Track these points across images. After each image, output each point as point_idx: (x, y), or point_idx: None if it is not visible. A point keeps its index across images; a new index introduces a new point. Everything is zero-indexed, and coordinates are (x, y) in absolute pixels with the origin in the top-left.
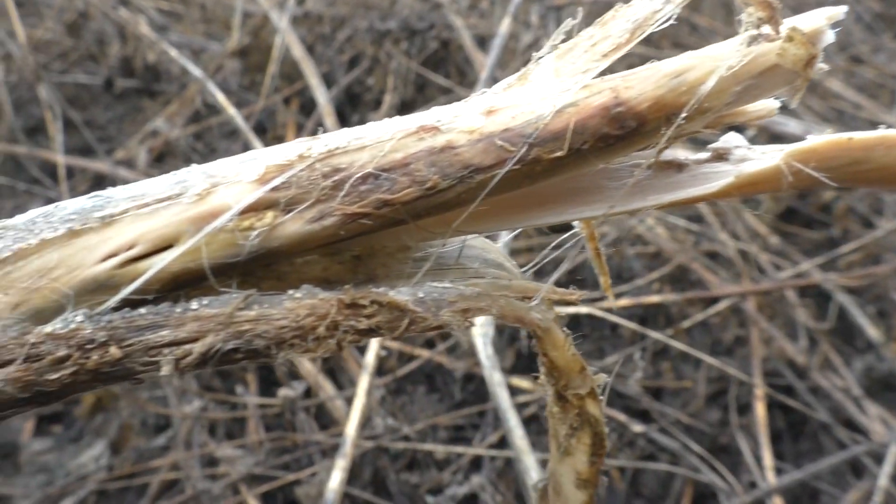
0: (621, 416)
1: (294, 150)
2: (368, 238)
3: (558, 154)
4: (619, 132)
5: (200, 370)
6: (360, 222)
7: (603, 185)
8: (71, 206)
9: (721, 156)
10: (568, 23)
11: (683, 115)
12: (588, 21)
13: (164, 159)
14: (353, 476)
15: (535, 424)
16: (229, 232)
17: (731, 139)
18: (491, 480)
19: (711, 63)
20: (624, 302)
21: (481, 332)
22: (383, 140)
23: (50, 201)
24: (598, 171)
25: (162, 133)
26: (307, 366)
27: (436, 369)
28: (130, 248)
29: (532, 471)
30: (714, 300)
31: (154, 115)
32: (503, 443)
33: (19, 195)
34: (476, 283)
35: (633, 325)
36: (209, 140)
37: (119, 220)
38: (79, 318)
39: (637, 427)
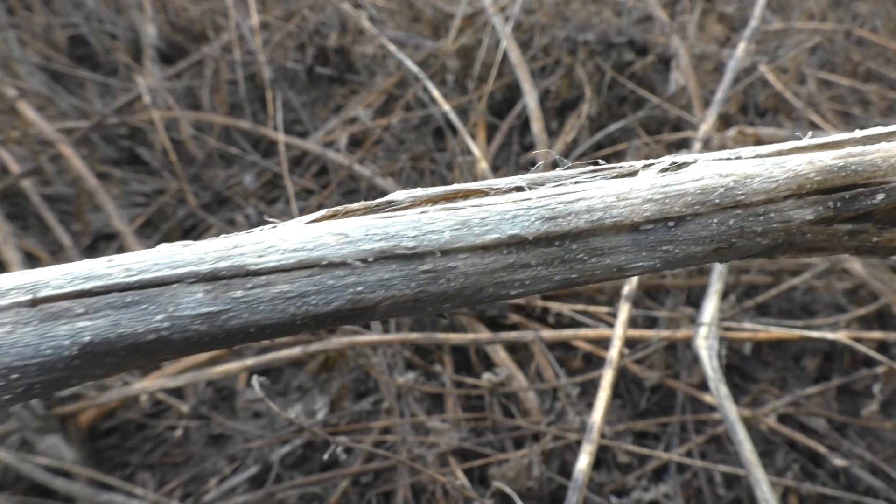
0: (821, 448)
1: None
2: None
3: None
4: None
5: None
6: None
7: None
8: None
9: None
10: None
11: None
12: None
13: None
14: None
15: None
16: None
17: None
18: (675, 490)
19: None
20: (848, 334)
21: (706, 344)
22: None
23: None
24: None
25: (359, 120)
26: (502, 355)
27: (620, 375)
28: None
29: (763, 484)
30: None
31: (343, 103)
32: (689, 455)
33: (233, 163)
34: None
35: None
36: (396, 131)
37: None
38: None
39: (840, 461)
